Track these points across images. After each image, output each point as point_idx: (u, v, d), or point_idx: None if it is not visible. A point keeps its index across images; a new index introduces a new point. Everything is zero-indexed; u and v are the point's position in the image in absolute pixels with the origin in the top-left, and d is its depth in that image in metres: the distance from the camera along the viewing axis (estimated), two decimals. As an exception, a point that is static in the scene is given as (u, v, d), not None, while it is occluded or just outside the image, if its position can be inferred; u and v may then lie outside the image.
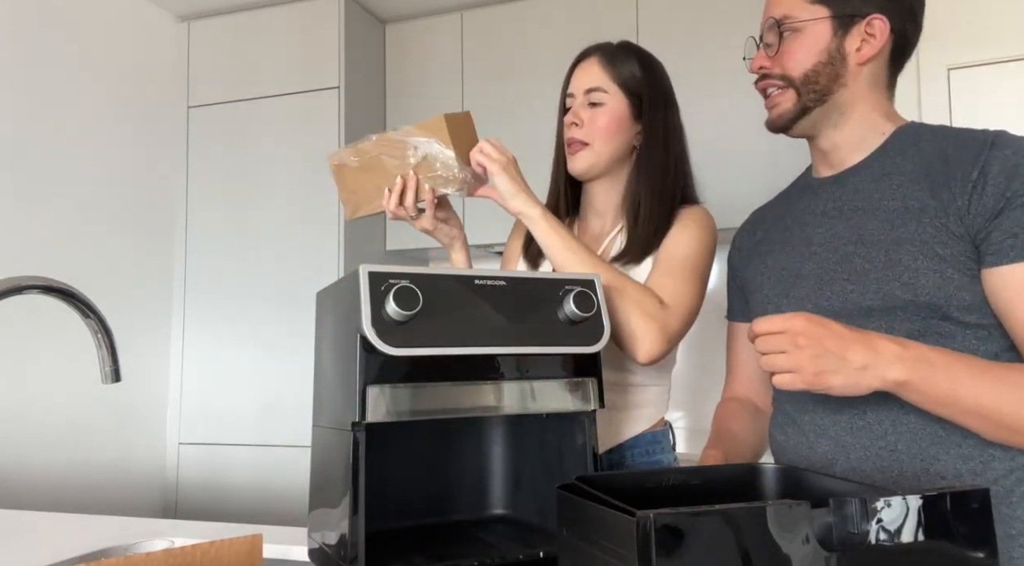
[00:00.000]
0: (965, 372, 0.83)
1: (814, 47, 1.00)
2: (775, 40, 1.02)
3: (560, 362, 0.92)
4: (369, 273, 0.83)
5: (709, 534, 0.55)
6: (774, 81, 1.03)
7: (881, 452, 0.93)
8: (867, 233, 0.97)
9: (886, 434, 0.93)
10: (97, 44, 2.57)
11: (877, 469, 0.93)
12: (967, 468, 0.90)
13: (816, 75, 1.00)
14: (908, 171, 0.97)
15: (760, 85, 1.06)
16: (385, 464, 1.03)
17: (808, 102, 1.01)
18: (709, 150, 2.54)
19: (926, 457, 0.91)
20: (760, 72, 1.05)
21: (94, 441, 2.49)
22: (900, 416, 0.92)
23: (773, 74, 1.03)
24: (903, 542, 0.59)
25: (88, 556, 1.06)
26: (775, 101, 1.04)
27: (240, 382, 2.69)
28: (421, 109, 2.86)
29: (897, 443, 0.92)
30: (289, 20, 2.76)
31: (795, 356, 0.81)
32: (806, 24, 1.00)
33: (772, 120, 1.06)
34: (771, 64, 1.03)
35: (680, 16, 2.55)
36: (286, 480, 2.58)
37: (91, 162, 2.53)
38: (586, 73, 1.25)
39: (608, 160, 1.25)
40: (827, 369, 0.81)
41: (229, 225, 2.76)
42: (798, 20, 1.00)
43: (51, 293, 1.00)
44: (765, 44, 1.04)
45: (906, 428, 0.92)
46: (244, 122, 2.78)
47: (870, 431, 0.94)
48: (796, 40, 1.01)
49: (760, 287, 1.10)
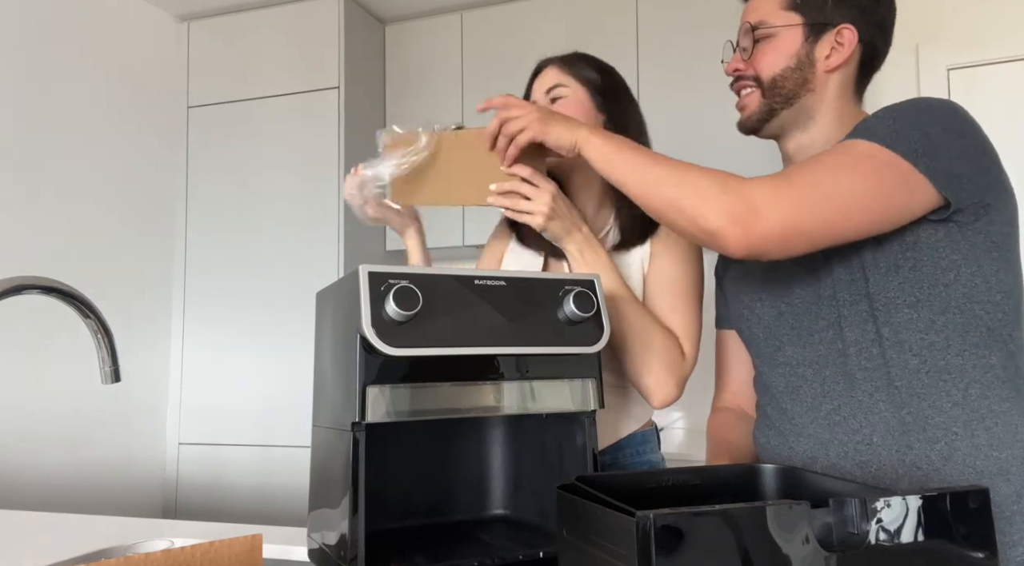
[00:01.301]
0: (632, 149, 0.98)
1: (784, 51, 1.03)
2: (749, 44, 1.06)
3: (560, 362, 0.92)
4: (369, 273, 0.83)
5: (709, 534, 0.55)
6: (747, 82, 1.07)
7: (859, 447, 0.95)
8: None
9: (861, 428, 0.95)
10: (97, 44, 2.57)
11: (856, 464, 0.95)
12: (935, 451, 0.91)
13: (783, 79, 1.03)
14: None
15: (735, 87, 1.10)
16: (385, 464, 1.03)
17: (774, 104, 1.05)
18: (708, 150, 2.55)
19: (899, 447, 0.92)
20: (735, 74, 1.09)
21: (94, 441, 2.49)
22: (871, 406, 0.94)
23: (746, 76, 1.07)
24: (903, 542, 0.59)
25: (88, 556, 1.06)
26: (744, 102, 1.08)
27: (240, 382, 2.69)
28: (421, 109, 2.87)
29: (872, 436, 0.94)
30: (289, 20, 2.76)
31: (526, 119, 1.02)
32: (779, 30, 1.03)
33: (741, 121, 1.09)
34: (744, 67, 1.07)
35: (680, 16, 2.55)
36: (286, 480, 2.58)
37: (91, 162, 2.53)
38: (544, 77, 1.27)
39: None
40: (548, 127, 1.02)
41: (229, 225, 2.76)
42: (771, 26, 1.04)
43: (51, 293, 1.00)
44: (740, 48, 1.08)
45: (879, 419, 0.94)
46: (244, 122, 2.78)
47: (846, 425, 0.96)
48: (768, 44, 1.04)
49: (737, 294, 1.14)
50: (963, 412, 0.91)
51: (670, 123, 2.53)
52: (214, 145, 2.81)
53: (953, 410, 0.91)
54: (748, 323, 1.11)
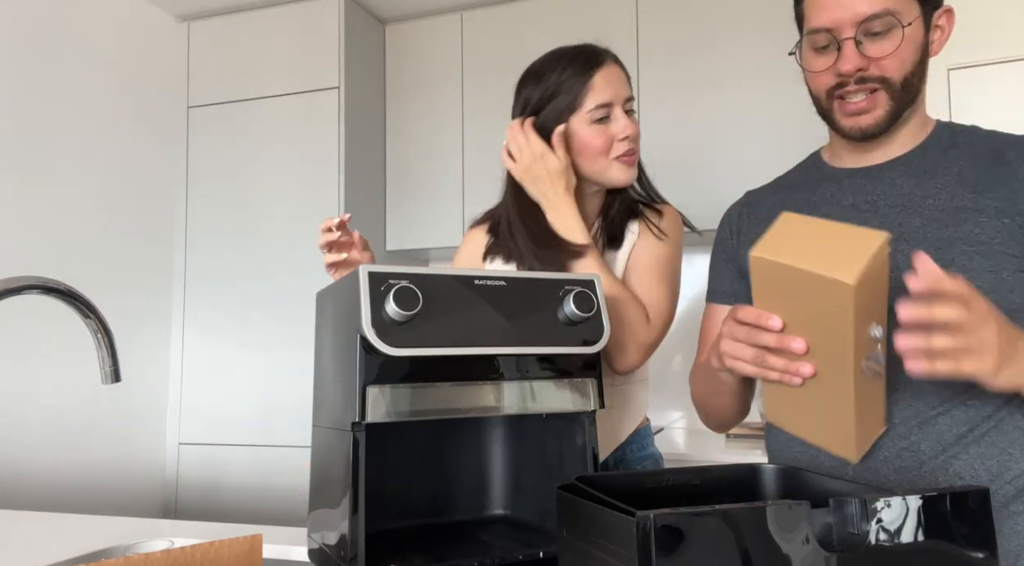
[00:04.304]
0: None
1: (913, 44, 0.92)
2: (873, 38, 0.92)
3: (560, 362, 0.92)
4: (369, 273, 0.83)
5: (709, 534, 0.55)
6: (870, 84, 0.93)
7: (902, 453, 0.92)
8: (909, 231, 0.93)
9: (910, 434, 0.92)
10: (97, 44, 2.57)
11: (895, 470, 0.92)
12: (985, 468, 0.89)
13: (913, 76, 0.94)
14: (954, 171, 0.95)
15: (848, 89, 0.95)
16: (385, 464, 1.03)
17: (904, 105, 0.95)
18: (707, 149, 2.56)
19: (947, 457, 0.90)
20: (858, 75, 0.93)
21: (94, 441, 2.49)
22: (929, 418, 0.91)
23: (871, 77, 0.93)
24: (903, 542, 0.59)
25: (88, 556, 1.06)
26: (867, 105, 0.94)
27: (240, 382, 2.69)
28: (421, 109, 2.87)
29: (920, 443, 0.91)
30: (289, 20, 2.76)
31: (967, 335, 0.70)
32: (913, 21, 0.91)
33: (864, 127, 0.95)
34: (866, 65, 0.92)
35: (680, 16, 2.55)
36: (286, 480, 2.58)
37: (91, 162, 2.53)
38: (620, 82, 1.22)
39: None
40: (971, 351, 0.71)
41: (229, 225, 2.76)
42: (897, 14, 0.90)
43: (51, 293, 1.00)
44: (867, 40, 0.91)
45: (932, 429, 0.91)
46: (244, 122, 2.78)
47: (894, 431, 0.92)
48: (896, 38, 0.90)
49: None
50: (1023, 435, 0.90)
51: (670, 123, 2.54)
52: (214, 145, 2.81)
53: (1014, 433, 0.90)
54: None
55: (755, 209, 1.12)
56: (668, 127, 2.49)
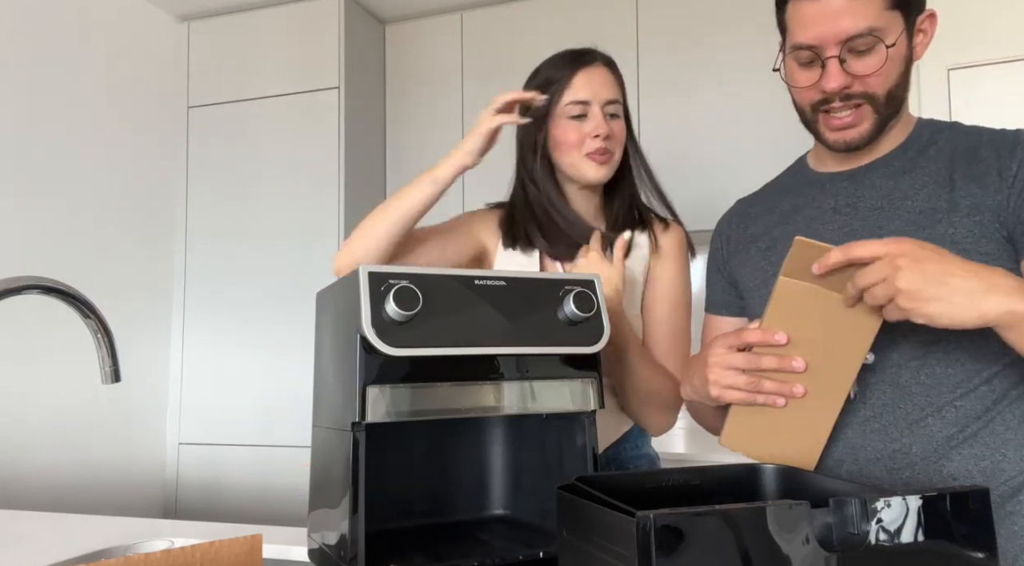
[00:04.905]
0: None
1: (896, 58, 0.92)
2: (856, 55, 0.92)
3: (560, 362, 0.92)
4: (369, 273, 0.83)
5: (709, 534, 0.55)
6: (855, 100, 0.94)
7: (894, 455, 0.92)
8: (889, 233, 0.93)
9: (901, 436, 0.92)
10: (97, 44, 2.57)
11: (887, 470, 0.92)
12: (979, 468, 0.89)
13: (898, 89, 0.94)
14: (932, 170, 0.95)
15: (833, 105, 0.95)
16: (385, 464, 1.03)
17: (889, 117, 0.96)
18: (707, 148, 2.55)
19: (939, 459, 0.90)
20: (843, 92, 0.93)
21: (94, 441, 2.49)
22: (920, 420, 0.91)
23: (856, 94, 0.93)
24: (903, 542, 0.59)
25: (88, 556, 1.06)
26: (852, 120, 0.94)
27: (240, 382, 2.69)
28: (421, 109, 2.87)
29: (912, 445, 0.91)
30: (289, 20, 2.76)
31: (891, 281, 0.74)
32: (897, 40, 0.91)
33: (848, 141, 0.96)
34: (850, 82, 0.92)
35: (680, 16, 2.55)
36: (286, 480, 2.58)
37: (91, 162, 2.53)
38: (603, 84, 1.23)
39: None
40: (925, 295, 0.73)
41: (229, 225, 2.76)
42: (880, 30, 0.90)
43: (51, 293, 1.00)
44: (851, 57, 0.91)
45: (924, 431, 0.91)
46: (244, 122, 2.78)
47: (885, 434, 0.92)
48: (880, 54, 0.90)
49: (765, 283, 1.06)
50: (1016, 436, 0.90)
51: (670, 123, 2.54)
52: (214, 145, 2.81)
53: (1006, 433, 0.90)
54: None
55: (743, 218, 1.14)
56: (667, 126, 2.50)
